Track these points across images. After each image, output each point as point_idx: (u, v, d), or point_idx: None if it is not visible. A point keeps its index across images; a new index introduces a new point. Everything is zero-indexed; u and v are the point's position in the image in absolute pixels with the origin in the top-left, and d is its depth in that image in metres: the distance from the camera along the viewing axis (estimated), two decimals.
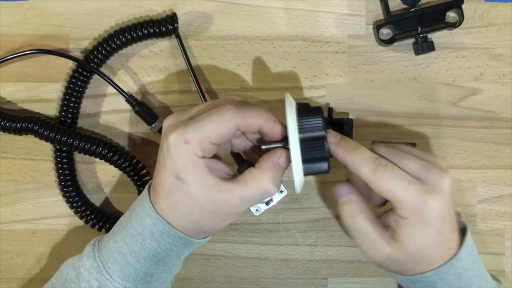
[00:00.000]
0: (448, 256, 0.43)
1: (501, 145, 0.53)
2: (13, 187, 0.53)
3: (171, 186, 0.39)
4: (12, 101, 0.53)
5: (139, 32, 0.50)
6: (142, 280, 0.42)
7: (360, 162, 0.41)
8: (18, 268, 0.54)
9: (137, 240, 0.41)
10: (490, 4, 0.53)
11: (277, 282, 0.54)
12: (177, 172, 0.39)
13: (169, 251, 0.41)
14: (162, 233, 0.41)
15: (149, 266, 0.41)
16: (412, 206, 0.40)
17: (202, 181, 0.39)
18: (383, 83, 0.53)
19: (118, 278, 0.41)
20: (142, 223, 0.41)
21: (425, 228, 0.40)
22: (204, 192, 0.39)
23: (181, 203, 0.40)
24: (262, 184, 0.39)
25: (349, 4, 0.53)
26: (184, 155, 0.39)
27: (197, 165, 0.39)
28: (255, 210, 0.52)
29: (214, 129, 0.39)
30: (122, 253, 0.41)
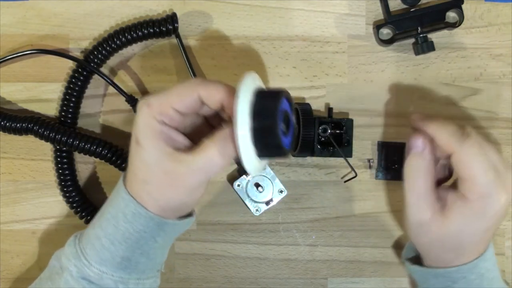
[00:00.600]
0: (472, 256, 0.43)
1: (501, 145, 0.53)
2: (13, 187, 0.53)
3: (133, 152, 0.40)
4: (12, 101, 0.53)
5: (139, 32, 0.50)
6: (119, 265, 0.41)
7: (448, 131, 0.42)
8: (18, 268, 0.54)
9: (111, 223, 0.41)
10: (490, 4, 0.53)
11: (277, 282, 0.54)
12: (137, 136, 0.40)
13: (142, 232, 0.41)
14: (133, 214, 0.41)
15: (125, 249, 0.41)
16: (483, 191, 0.41)
17: (156, 147, 0.39)
18: (383, 83, 0.53)
19: (95, 263, 0.41)
20: (115, 205, 0.42)
21: (481, 218, 0.41)
22: (156, 159, 0.39)
23: (139, 171, 0.40)
24: (209, 153, 0.39)
25: (349, 4, 0.53)
26: (144, 118, 0.39)
27: (154, 130, 0.39)
28: (255, 210, 0.52)
29: (176, 94, 0.39)
30: (98, 237, 0.41)
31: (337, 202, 0.53)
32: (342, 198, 0.53)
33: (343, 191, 0.53)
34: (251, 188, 0.52)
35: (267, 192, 0.52)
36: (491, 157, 0.42)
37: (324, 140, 0.49)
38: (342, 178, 0.53)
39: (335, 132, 0.50)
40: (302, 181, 0.53)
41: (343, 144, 0.50)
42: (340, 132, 0.50)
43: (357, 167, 0.53)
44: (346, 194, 0.53)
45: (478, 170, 0.41)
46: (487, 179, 0.41)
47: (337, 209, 0.54)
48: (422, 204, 0.43)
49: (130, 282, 0.42)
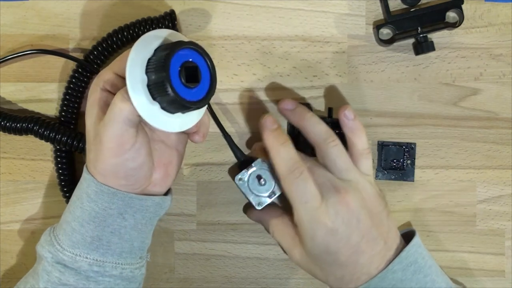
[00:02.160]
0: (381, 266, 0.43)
1: (501, 145, 0.53)
2: (13, 187, 0.53)
3: (86, 127, 0.42)
4: (12, 101, 0.53)
5: (138, 31, 0.50)
6: (90, 245, 0.41)
7: (282, 159, 0.43)
8: (18, 268, 0.54)
9: (77, 205, 0.42)
10: (490, 4, 0.53)
11: (277, 282, 0.54)
12: (86, 108, 0.42)
13: (108, 209, 0.41)
14: (96, 193, 0.41)
15: (93, 228, 0.41)
16: (303, 222, 0.42)
17: (91, 112, 0.41)
18: (383, 83, 0.53)
19: (67, 247, 0.42)
20: (80, 187, 0.43)
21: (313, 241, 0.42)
22: (90, 124, 0.42)
23: (86, 142, 0.42)
24: (115, 102, 0.39)
25: (349, 4, 0.53)
26: (92, 88, 0.42)
27: (95, 98, 0.41)
28: (257, 204, 0.52)
29: (117, 60, 0.42)
30: (67, 221, 0.42)
31: None
32: None
33: None
34: (252, 182, 0.51)
35: (269, 186, 0.52)
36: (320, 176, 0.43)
37: None
38: None
39: (335, 132, 0.50)
40: None
41: (343, 144, 0.49)
42: (340, 132, 0.50)
43: None
44: None
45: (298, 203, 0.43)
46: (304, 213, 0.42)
47: None
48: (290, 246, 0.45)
49: (106, 265, 0.42)
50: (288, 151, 0.44)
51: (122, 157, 0.40)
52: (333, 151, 0.44)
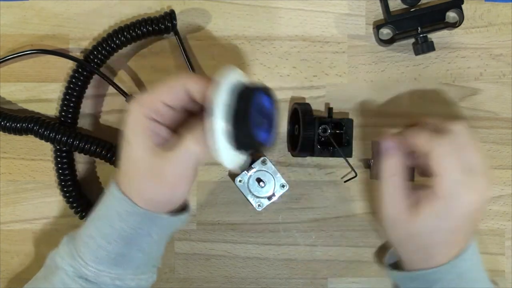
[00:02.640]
0: (450, 255, 0.43)
1: (501, 145, 0.53)
2: (13, 187, 0.53)
3: (123, 152, 0.41)
4: (12, 101, 0.53)
5: (138, 31, 0.50)
6: (114, 261, 0.41)
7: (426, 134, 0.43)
8: (18, 268, 0.54)
9: (105, 223, 0.41)
10: (490, 4, 0.53)
11: (277, 282, 0.54)
12: (127, 135, 0.40)
13: (138, 229, 0.41)
14: (128, 213, 0.41)
15: (121, 246, 0.41)
16: (450, 189, 0.41)
17: (142, 144, 0.40)
18: (383, 83, 0.53)
19: (90, 262, 0.41)
20: (108, 205, 0.42)
21: (446, 217, 0.41)
22: (142, 155, 0.40)
23: (127, 168, 0.41)
24: (186, 144, 0.39)
25: (349, 4, 0.53)
26: (134, 116, 0.40)
27: (142, 127, 0.40)
28: (258, 205, 0.52)
29: (165, 88, 0.40)
30: (92, 236, 0.42)
31: (337, 202, 0.53)
32: (342, 198, 0.53)
33: (343, 191, 0.53)
34: (253, 183, 0.52)
35: (269, 187, 0.52)
36: (467, 157, 0.42)
37: (324, 140, 0.49)
38: (342, 178, 0.53)
39: (335, 132, 0.50)
40: (302, 181, 0.53)
41: (343, 144, 0.50)
42: (340, 132, 0.50)
43: (357, 167, 0.53)
44: (346, 194, 0.53)
45: (447, 168, 0.42)
46: (454, 178, 0.41)
47: (337, 209, 0.54)
48: (395, 200, 0.44)
49: (127, 278, 0.42)
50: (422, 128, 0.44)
51: (176, 192, 0.41)
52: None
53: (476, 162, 0.42)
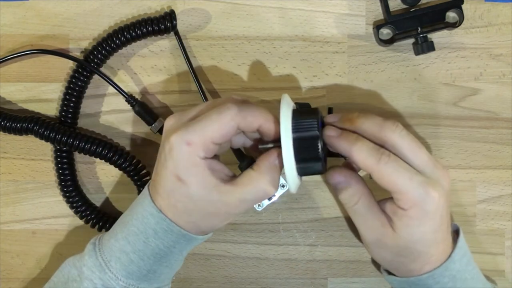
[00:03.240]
0: (443, 258, 0.43)
1: (501, 145, 0.53)
2: (13, 187, 0.53)
3: (172, 187, 0.40)
4: (12, 101, 0.53)
5: (138, 31, 0.50)
6: (145, 277, 0.42)
7: (363, 152, 0.40)
8: (18, 268, 0.54)
9: (140, 239, 0.41)
10: (490, 4, 0.53)
11: (277, 282, 0.54)
12: (178, 173, 0.39)
13: (172, 248, 0.42)
14: (165, 231, 0.41)
15: (153, 263, 0.42)
16: (414, 197, 0.40)
17: (202, 183, 0.39)
18: (383, 83, 0.53)
19: (121, 277, 0.41)
20: (144, 221, 0.41)
21: (423, 222, 0.41)
22: (204, 194, 0.39)
23: (181, 204, 0.40)
24: (260, 186, 0.40)
25: (349, 4, 0.53)
26: (186, 156, 0.39)
27: (198, 167, 0.39)
28: (257, 205, 0.52)
29: (216, 129, 0.39)
30: (125, 251, 0.41)
31: (337, 202, 0.53)
32: None
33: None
34: None
35: None
36: (413, 160, 0.41)
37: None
38: None
39: None
40: (302, 181, 0.53)
41: None
42: None
43: None
44: None
45: (402, 182, 0.40)
46: (413, 187, 0.40)
47: (337, 209, 0.54)
48: (368, 225, 0.43)
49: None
50: (365, 143, 0.41)
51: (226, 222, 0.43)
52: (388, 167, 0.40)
53: (422, 160, 0.41)
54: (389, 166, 0.40)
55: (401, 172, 0.40)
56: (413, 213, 0.40)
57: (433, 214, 0.41)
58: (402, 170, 0.40)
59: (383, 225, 0.42)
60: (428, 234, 0.41)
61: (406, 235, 0.41)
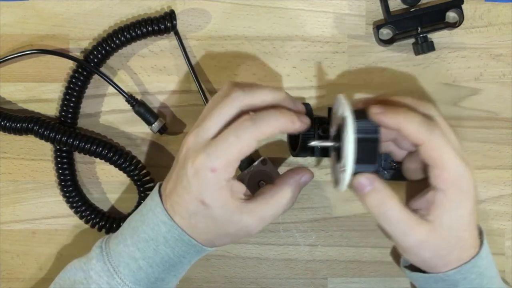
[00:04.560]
0: (471, 253, 0.43)
1: (501, 145, 0.53)
2: (13, 187, 0.53)
3: (195, 210, 0.40)
4: (12, 101, 0.53)
5: (138, 31, 0.50)
6: (152, 285, 0.42)
7: (415, 123, 0.40)
8: (18, 268, 0.54)
9: (150, 246, 0.41)
10: (490, 4, 0.53)
11: (277, 282, 0.54)
12: (202, 198, 0.39)
13: (182, 257, 0.42)
14: (176, 240, 0.41)
15: (161, 271, 0.42)
16: (454, 174, 0.40)
17: (226, 205, 0.40)
18: (383, 83, 0.53)
19: (129, 283, 0.41)
20: (155, 229, 0.41)
21: (461, 204, 0.41)
22: (227, 215, 0.40)
23: (202, 224, 0.40)
24: (282, 202, 0.41)
25: (349, 4, 0.53)
26: (211, 182, 0.39)
27: (222, 190, 0.39)
28: None
29: (236, 151, 0.39)
30: (134, 258, 0.41)
31: (337, 202, 0.53)
32: (342, 198, 0.53)
33: (343, 191, 0.53)
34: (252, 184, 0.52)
35: None
36: (453, 140, 0.41)
37: None
38: None
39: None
40: None
41: None
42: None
43: None
44: (346, 194, 0.53)
45: (448, 158, 0.40)
46: (455, 163, 0.40)
47: (337, 209, 0.54)
48: (407, 227, 0.41)
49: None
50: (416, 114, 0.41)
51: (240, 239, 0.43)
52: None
53: (456, 141, 0.42)
54: (440, 140, 0.40)
55: (449, 147, 0.40)
56: (452, 194, 0.40)
57: (469, 194, 0.41)
58: (450, 146, 0.40)
59: (420, 223, 0.41)
60: (466, 216, 0.41)
61: (445, 221, 0.41)
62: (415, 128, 0.40)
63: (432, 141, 0.40)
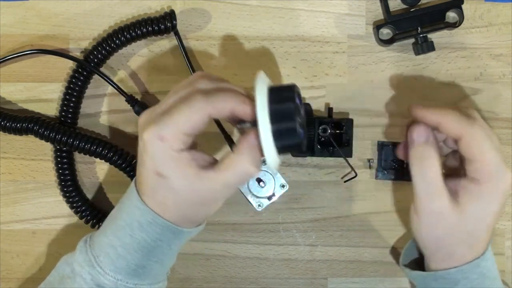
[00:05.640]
0: (475, 255, 0.43)
1: (501, 145, 0.53)
2: (13, 187, 0.53)
3: (155, 184, 0.40)
4: (12, 101, 0.53)
5: (138, 31, 0.50)
6: (134, 272, 0.42)
7: (456, 116, 0.41)
8: (18, 268, 0.54)
9: (126, 232, 0.41)
10: (490, 4, 0.53)
11: (277, 282, 0.54)
12: (157, 170, 0.39)
13: (158, 241, 0.41)
14: (150, 224, 0.41)
15: (140, 257, 0.41)
16: (493, 170, 0.41)
17: (183, 174, 0.39)
18: (383, 83, 0.53)
19: (110, 271, 0.41)
20: (130, 214, 0.41)
21: (492, 201, 0.41)
22: (187, 185, 0.39)
23: (168, 199, 0.40)
24: (241, 167, 0.39)
25: (349, 4, 0.53)
26: (161, 151, 0.39)
27: (175, 160, 0.39)
28: (258, 205, 0.52)
29: (186, 121, 0.38)
30: (113, 246, 0.41)
31: (337, 202, 0.53)
32: (342, 198, 0.53)
33: (343, 191, 0.53)
34: (253, 183, 0.52)
35: (269, 187, 0.52)
36: (494, 139, 0.42)
37: (324, 140, 0.49)
38: (342, 178, 0.53)
39: (335, 132, 0.50)
40: (302, 181, 0.53)
41: (343, 144, 0.50)
42: (340, 132, 0.50)
43: (357, 167, 0.53)
44: (346, 194, 0.53)
45: (488, 152, 0.41)
46: (495, 159, 0.41)
47: (337, 209, 0.54)
48: (435, 193, 0.41)
49: (143, 287, 0.42)
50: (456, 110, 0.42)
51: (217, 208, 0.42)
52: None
53: (497, 141, 0.42)
54: (481, 133, 0.41)
55: (490, 142, 0.41)
56: (486, 189, 0.41)
57: (503, 195, 0.41)
58: (490, 141, 0.41)
59: (447, 197, 0.41)
60: (491, 215, 0.42)
61: (472, 212, 0.41)
62: (456, 121, 0.41)
63: (473, 134, 0.41)
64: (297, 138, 0.39)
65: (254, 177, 0.40)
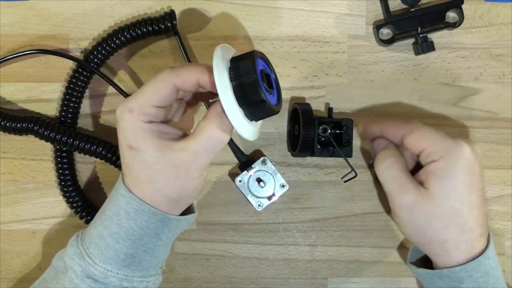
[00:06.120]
0: (476, 251, 0.43)
1: (501, 145, 0.53)
2: (13, 187, 0.53)
3: (129, 159, 0.41)
4: (12, 101, 0.53)
5: (138, 31, 0.50)
6: (123, 262, 0.41)
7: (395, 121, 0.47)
8: (18, 268, 0.54)
9: (113, 221, 0.41)
10: (490, 4, 0.53)
11: (277, 282, 0.54)
12: (128, 142, 0.40)
13: (146, 228, 0.41)
14: (136, 211, 0.41)
15: (128, 246, 0.41)
16: (445, 146, 0.43)
17: (153, 145, 0.40)
18: (383, 83, 0.53)
19: (99, 262, 0.41)
20: (117, 204, 0.42)
21: (454, 172, 0.43)
22: (158, 156, 0.40)
23: (142, 173, 0.41)
24: (210, 132, 0.40)
25: (349, 4, 0.53)
26: (130, 123, 0.40)
27: (145, 131, 0.40)
28: (258, 205, 0.52)
29: (152, 91, 0.40)
30: (101, 236, 0.42)
31: (337, 202, 0.53)
32: (342, 198, 0.53)
33: (343, 191, 0.53)
34: (252, 184, 0.52)
35: (269, 187, 0.52)
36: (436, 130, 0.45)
37: (324, 140, 0.49)
38: (342, 178, 0.53)
39: (335, 132, 0.50)
40: (302, 181, 0.53)
41: (343, 144, 0.50)
42: (340, 132, 0.50)
43: (357, 167, 0.53)
44: (346, 194, 0.53)
45: (432, 135, 0.44)
46: (444, 138, 0.44)
47: (337, 209, 0.54)
48: (402, 188, 0.44)
49: (135, 280, 0.42)
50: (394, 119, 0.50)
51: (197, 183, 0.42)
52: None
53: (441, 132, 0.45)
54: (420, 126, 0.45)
55: (431, 130, 0.44)
56: (444, 163, 0.43)
57: (463, 165, 0.43)
58: (431, 130, 0.44)
59: (417, 187, 0.44)
60: (460, 187, 0.43)
61: (440, 190, 0.43)
62: (394, 125, 0.46)
63: (413, 129, 0.45)
64: (257, 95, 0.39)
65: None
